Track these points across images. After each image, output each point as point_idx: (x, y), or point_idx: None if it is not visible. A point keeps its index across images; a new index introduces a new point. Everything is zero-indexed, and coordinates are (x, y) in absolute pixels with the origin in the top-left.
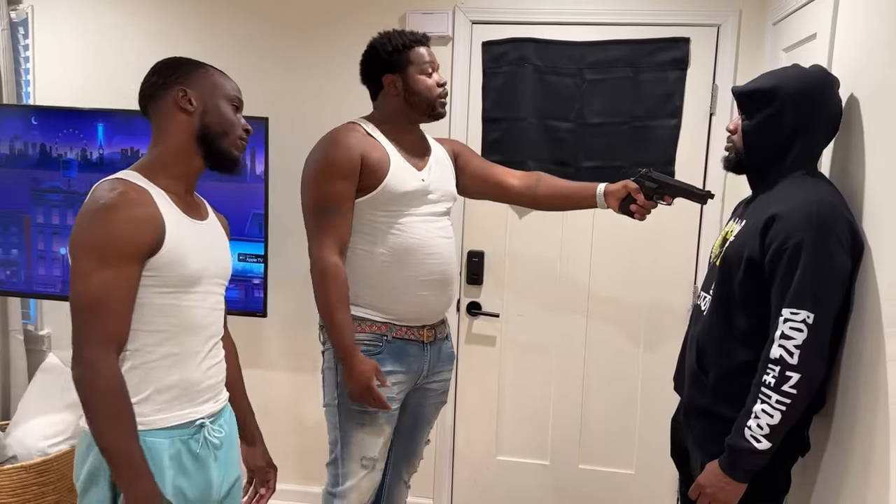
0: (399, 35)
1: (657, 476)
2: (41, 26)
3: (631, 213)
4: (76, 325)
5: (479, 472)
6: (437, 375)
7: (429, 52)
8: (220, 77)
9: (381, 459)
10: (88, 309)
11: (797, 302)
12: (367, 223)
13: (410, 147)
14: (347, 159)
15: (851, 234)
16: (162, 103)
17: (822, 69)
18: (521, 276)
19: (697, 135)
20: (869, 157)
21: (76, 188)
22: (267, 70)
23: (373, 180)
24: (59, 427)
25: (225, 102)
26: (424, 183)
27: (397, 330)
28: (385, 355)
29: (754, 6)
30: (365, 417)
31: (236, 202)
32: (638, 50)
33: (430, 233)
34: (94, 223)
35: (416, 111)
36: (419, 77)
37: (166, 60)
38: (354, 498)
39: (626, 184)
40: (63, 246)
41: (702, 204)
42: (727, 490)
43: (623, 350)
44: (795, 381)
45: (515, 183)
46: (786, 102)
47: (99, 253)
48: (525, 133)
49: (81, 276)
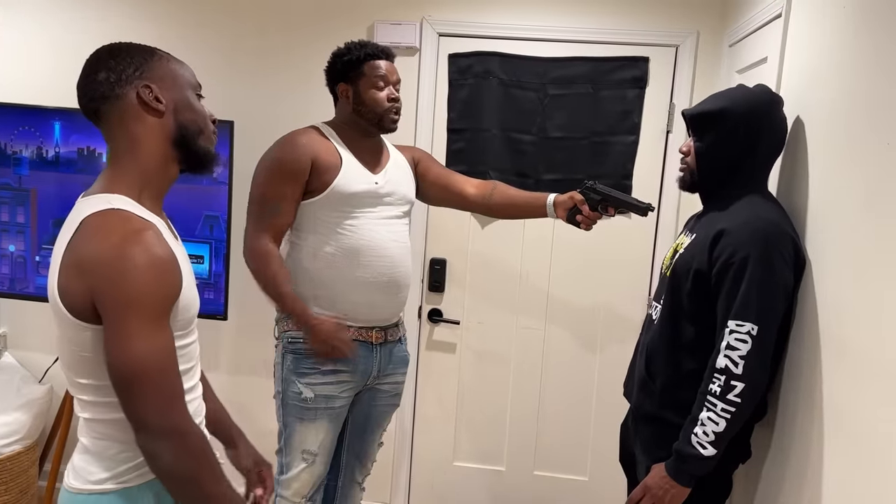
0: (360, 47)
1: (611, 483)
2: (4, 22)
3: (577, 223)
4: (140, 393)
5: (436, 477)
6: (389, 377)
7: (387, 67)
8: (175, 63)
9: (322, 454)
10: (157, 373)
11: (742, 314)
12: (320, 223)
13: (367, 151)
14: (296, 160)
15: (794, 251)
16: (121, 104)
17: (766, 89)
18: (482, 285)
19: (654, 151)
20: (812, 177)
21: (26, 185)
22: (233, 74)
23: (323, 181)
24: (12, 427)
25: (191, 93)
26: (377, 185)
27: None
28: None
29: (711, 29)
30: (304, 412)
31: (187, 204)
32: (599, 67)
33: (382, 235)
34: (133, 277)
35: (365, 121)
36: (369, 90)
37: (109, 49)
38: (294, 488)
39: (573, 195)
40: (11, 243)
41: (642, 215)
42: (672, 493)
43: (579, 358)
44: (740, 391)
45: (472, 191)
46: (736, 123)
47: (149, 313)
48: (488, 144)
49: (138, 337)
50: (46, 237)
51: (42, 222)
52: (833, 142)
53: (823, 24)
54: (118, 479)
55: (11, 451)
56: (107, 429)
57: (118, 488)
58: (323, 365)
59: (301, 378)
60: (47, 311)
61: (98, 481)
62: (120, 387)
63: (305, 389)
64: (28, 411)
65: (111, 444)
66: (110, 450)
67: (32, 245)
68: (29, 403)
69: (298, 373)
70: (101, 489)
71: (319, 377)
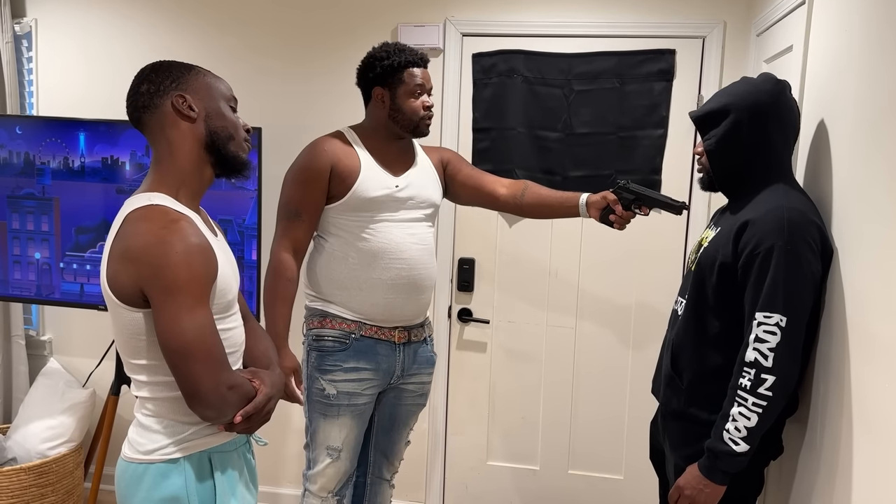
0: (399, 52)
1: (646, 482)
2: (44, 38)
3: (611, 223)
4: (191, 364)
5: (469, 478)
6: (414, 377)
7: (423, 75)
8: (212, 78)
9: (346, 450)
10: (203, 346)
11: (770, 305)
12: (341, 227)
13: (391, 155)
14: (316, 167)
15: (821, 239)
16: (160, 112)
17: (769, 76)
18: (511, 283)
19: (683, 145)
20: (836, 165)
21: (49, 195)
22: (261, 81)
23: (343, 187)
24: (58, 430)
25: (224, 104)
26: (398, 189)
27: (367, 329)
28: (350, 353)
29: (739, 18)
30: (327, 408)
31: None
32: (625, 61)
33: (401, 238)
34: (174, 262)
35: (399, 127)
36: (408, 99)
37: (153, 66)
38: (320, 483)
39: (606, 195)
40: (37, 251)
41: (677, 214)
42: (706, 492)
43: (611, 356)
44: (771, 384)
45: (503, 191)
46: (739, 117)
47: (190, 294)
48: (514, 142)
49: (183, 316)
50: (70, 244)
51: (65, 230)
52: (858, 130)
53: (848, 9)
54: (163, 452)
55: (57, 453)
56: (157, 406)
57: (163, 459)
58: (344, 362)
59: (324, 375)
60: (91, 318)
61: (146, 452)
62: (172, 361)
63: (328, 386)
64: (73, 415)
65: (160, 420)
66: (158, 425)
67: (57, 252)
68: (73, 407)
69: (321, 369)
70: (148, 459)
71: (342, 374)
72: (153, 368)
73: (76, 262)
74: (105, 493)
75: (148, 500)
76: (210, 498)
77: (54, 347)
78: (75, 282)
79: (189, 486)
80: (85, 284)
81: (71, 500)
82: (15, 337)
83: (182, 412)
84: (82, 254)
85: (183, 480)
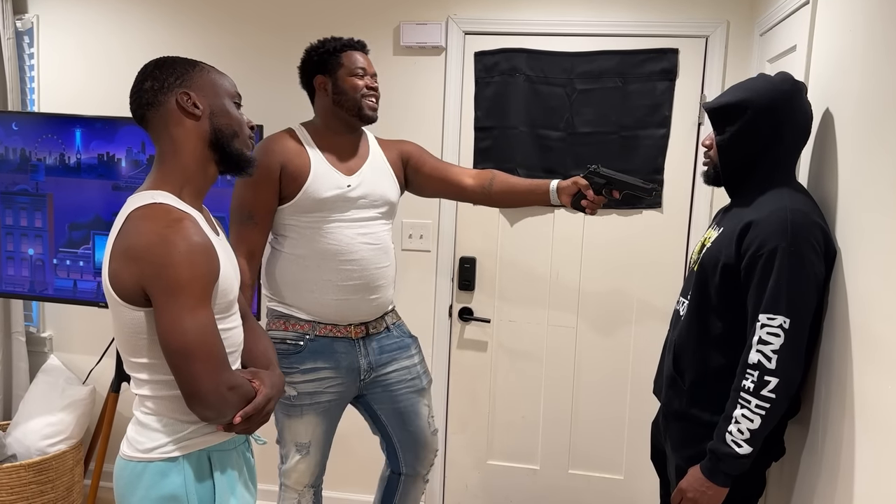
0: (335, 39)
1: (645, 482)
2: (45, 34)
3: (582, 208)
4: (191, 364)
5: (470, 477)
6: (390, 366)
7: (364, 59)
8: (216, 74)
9: (315, 444)
10: (203, 346)
11: (773, 307)
12: (291, 227)
13: (342, 152)
14: (266, 167)
15: (825, 241)
16: (164, 110)
17: (788, 76)
18: (512, 282)
19: (686, 144)
20: (841, 166)
21: (43, 191)
22: (261, 78)
23: (294, 187)
24: (58, 427)
25: (228, 100)
26: (349, 189)
27: (321, 328)
28: (306, 354)
29: (742, 18)
30: (289, 409)
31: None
32: (627, 60)
33: (352, 238)
34: (176, 262)
35: (345, 111)
36: (347, 77)
37: (157, 62)
38: (294, 478)
39: (577, 180)
40: (30, 247)
41: (647, 196)
42: (709, 494)
43: (612, 355)
44: (774, 386)
45: (470, 182)
46: (756, 114)
47: (192, 293)
48: (516, 141)
49: (185, 315)
50: (63, 241)
51: (59, 226)
52: (862, 130)
53: (852, 9)
54: (162, 450)
55: (57, 450)
56: (156, 405)
57: (162, 458)
58: (301, 364)
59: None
60: (91, 315)
61: (146, 450)
62: (173, 361)
63: (288, 388)
64: (72, 412)
65: (159, 419)
66: (158, 423)
67: (50, 248)
68: (73, 404)
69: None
70: (147, 457)
71: (300, 376)
72: (153, 367)
73: (69, 259)
74: (105, 491)
75: (147, 499)
76: (209, 497)
77: (54, 344)
78: (68, 278)
79: (188, 485)
80: (78, 281)
81: (70, 497)
82: (15, 333)
83: (181, 411)
84: (75, 250)
85: (182, 479)
